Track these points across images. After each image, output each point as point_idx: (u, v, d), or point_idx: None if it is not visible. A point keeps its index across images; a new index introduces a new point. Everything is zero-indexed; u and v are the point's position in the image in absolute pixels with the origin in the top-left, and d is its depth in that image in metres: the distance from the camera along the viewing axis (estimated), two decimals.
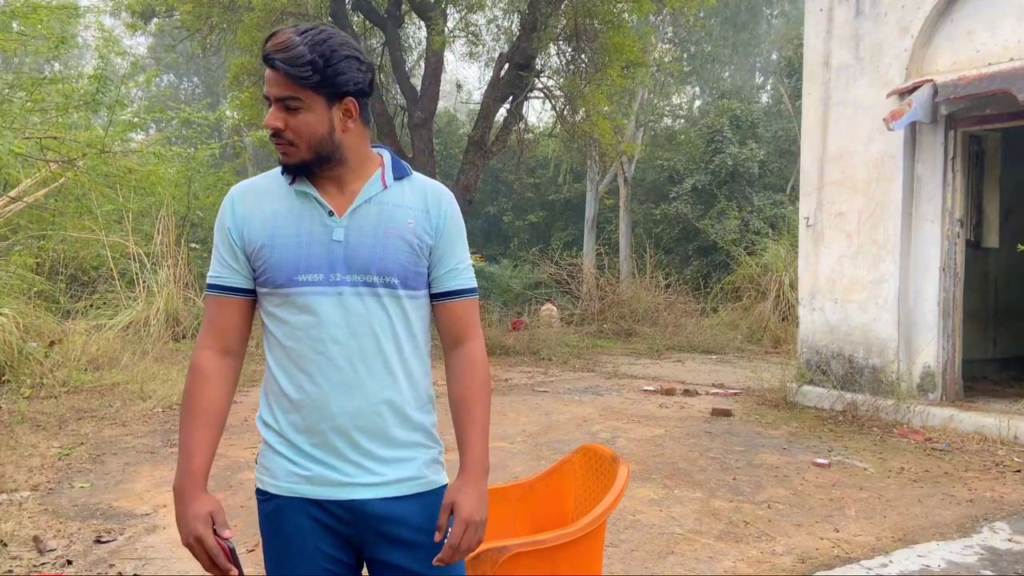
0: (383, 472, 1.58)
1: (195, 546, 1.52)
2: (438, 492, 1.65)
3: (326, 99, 1.52)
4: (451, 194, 1.69)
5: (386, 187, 1.61)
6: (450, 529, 1.57)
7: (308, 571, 1.58)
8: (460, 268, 1.67)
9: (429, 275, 1.65)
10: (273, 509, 1.60)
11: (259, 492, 1.64)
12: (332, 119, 1.53)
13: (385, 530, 1.58)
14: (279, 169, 1.63)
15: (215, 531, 1.52)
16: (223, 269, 1.61)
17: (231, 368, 1.64)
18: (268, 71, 1.50)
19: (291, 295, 1.56)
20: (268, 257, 1.56)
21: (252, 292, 1.62)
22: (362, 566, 1.67)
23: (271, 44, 1.49)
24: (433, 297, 1.67)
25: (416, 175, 1.68)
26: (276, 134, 1.53)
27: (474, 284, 1.71)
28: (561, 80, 12.77)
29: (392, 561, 1.59)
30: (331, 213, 1.57)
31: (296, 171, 1.58)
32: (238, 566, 1.53)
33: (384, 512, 1.58)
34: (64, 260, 10.37)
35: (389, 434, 1.59)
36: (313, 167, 1.56)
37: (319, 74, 1.48)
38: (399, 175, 1.64)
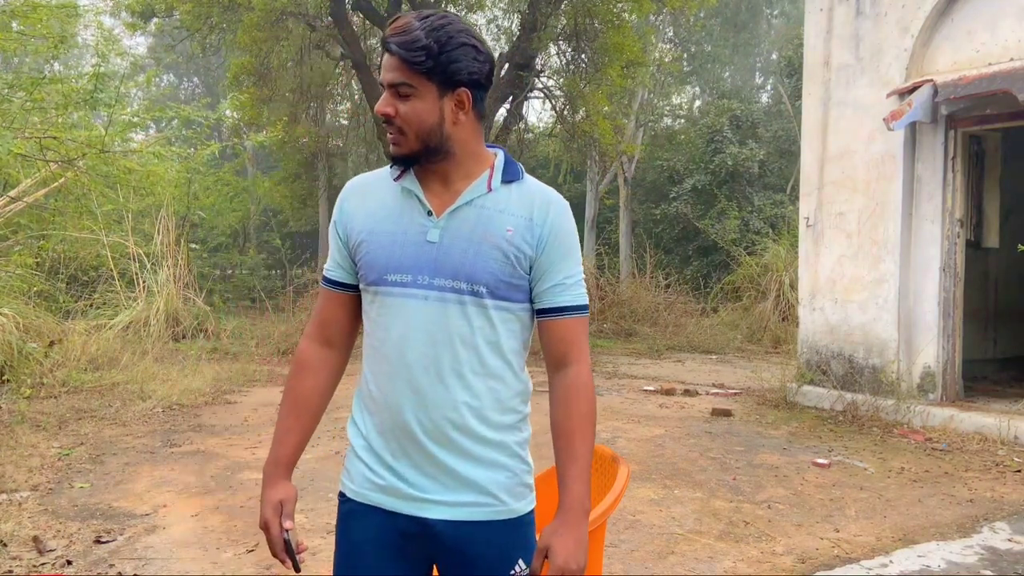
0: (456, 490, 1.51)
1: (264, 530, 1.57)
2: (519, 522, 1.55)
3: (438, 87, 1.45)
4: (564, 203, 1.57)
5: (491, 190, 1.52)
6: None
7: (371, 575, 1.55)
8: (568, 283, 1.56)
9: (532, 289, 1.55)
10: (347, 512, 1.60)
11: (340, 494, 1.64)
12: (443, 109, 1.47)
13: (455, 551, 1.52)
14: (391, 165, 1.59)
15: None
16: (331, 263, 1.63)
17: (332, 360, 1.65)
18: (385, 56, 1.46)
19: (380, 294, 1.52)
20: (364, 254, 1.54)
21: (356, 288, 1.61)
22: (430, 573, 1.63)
23: (391, 28, 1.46)
24: (537, 313, 1.59)
25: (529, 179, 1.57)
26: (388, 121, 1.48)
27: (583, 301, 1.59)
28: (561, 80, 12.78)
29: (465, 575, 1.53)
30: (430, 213, 1.51)
31: (404, 162, 1.53)
32: (292, 557, 1.55)
33: (454, 535, 1.50)
34: (64, 260, 10.36)
35: (464, 449, 1.51)
36: (421, 159, 1.50)
37: (432, 60, 1.42)
38: (509, 178, 1.54)
